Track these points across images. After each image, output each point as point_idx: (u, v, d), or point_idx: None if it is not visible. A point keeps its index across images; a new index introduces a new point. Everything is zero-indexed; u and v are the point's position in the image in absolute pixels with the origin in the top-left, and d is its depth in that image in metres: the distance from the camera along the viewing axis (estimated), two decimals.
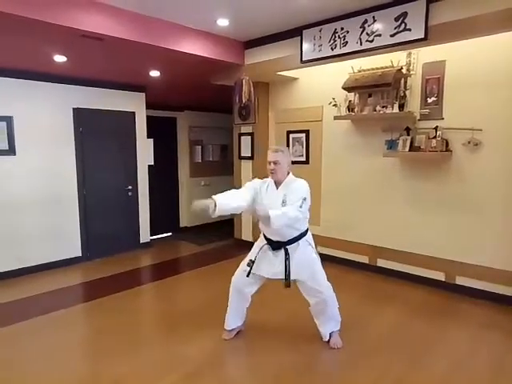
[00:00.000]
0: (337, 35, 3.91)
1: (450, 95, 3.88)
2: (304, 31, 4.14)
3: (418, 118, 4.06)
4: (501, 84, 3.57)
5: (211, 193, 2.85)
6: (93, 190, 5.35)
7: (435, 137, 3.85)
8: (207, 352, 2.93)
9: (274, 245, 2.85)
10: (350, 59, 4.04)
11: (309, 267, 2.84)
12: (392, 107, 4.02)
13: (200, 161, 7.29)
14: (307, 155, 5.15)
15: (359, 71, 4.29)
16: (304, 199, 2.68)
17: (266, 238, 2.91)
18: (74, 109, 5.08)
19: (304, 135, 5.16)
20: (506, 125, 3.58)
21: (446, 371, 2.65)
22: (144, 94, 5.78)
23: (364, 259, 4.74)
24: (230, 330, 3.10)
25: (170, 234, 6.93)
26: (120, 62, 4.55)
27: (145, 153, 5.93)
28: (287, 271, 2.76)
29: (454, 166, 3.93)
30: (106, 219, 5.51)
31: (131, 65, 4.66)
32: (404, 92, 4.04)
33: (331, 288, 2.91)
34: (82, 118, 5.15)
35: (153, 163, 6.38)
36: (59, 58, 4.10)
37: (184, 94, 6.24)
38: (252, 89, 4.69)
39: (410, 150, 4.02)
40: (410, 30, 3.43)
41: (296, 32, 4.20)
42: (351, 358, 2.84)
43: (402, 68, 4.03)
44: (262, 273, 2.90)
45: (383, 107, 4.10)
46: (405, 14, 3.44)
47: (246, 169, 5.76)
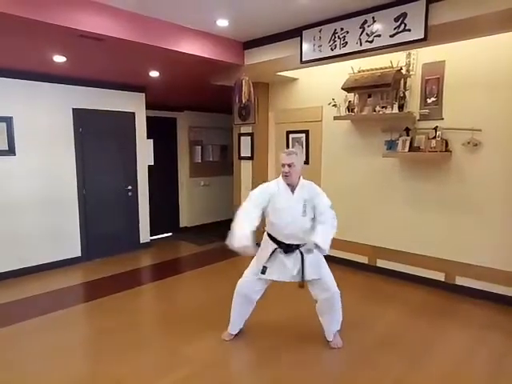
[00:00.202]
0: (336, 36, 3.91)
1: (450, 95, 3.88)
2: (304, 31, 4.14)
3: (418, 118, 4.06)
4: (500, 84, 3.57)
5: (211, 193, 2.85)
6: (93, 190, 5.35)
7: (435, 137, 3.86)
8: (207, 352, 2.93)
9: (287, 248, 2.82)
10: (350, 60, 4.04)
11: (320, 266, 2.87)
12: (392, 107, 4.03)
13: (200, 161, 7.29)
14: (307, 155, 5.15)
15: (359, 72, 4.29)
16: (331, 207, 2.78)
17: (275, 241, 2.86)
18: (73, 109, 5.08)
19: (304, 135, 5.16)
20: (505, 125, 3.58)
21: (446, 371, 2.66)
22: (144, 94, 5.78)
23: (364, 259, 4.74)
24: (233, 333, 3.09)
25: (169, 234, 6.93)
26: (120, 63, 4.55)
27: (145, 153, 5.93)
28: (303, 272, 2.79)
29: (453, 166, 3.93)
30: (106, 219, 5.51)
31: (131, 65, 4.66)
32: (404, 92, 4.04)
33: (336, 284, 2.93)
34: (82, 118, 5.15)
35: (153, 163, 6.38)
36: (59, 58, 4.10)
37: (184, 95, 6.24)
38: (252, 89, 4.69)
39: (409, 151, 4.02)
40: (409, 30, 3.43)
41: (296, 32, 4.20)
42: (351, 357, 2.85)
43: (401, 68, 4.03)
44: (276, 277, 2.88)
45: (383, 107, 4.10)
46: (404, 15, 3.44)
47: (245, 169, 5.77)
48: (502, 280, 3.70)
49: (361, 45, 3.77)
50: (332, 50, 3.98)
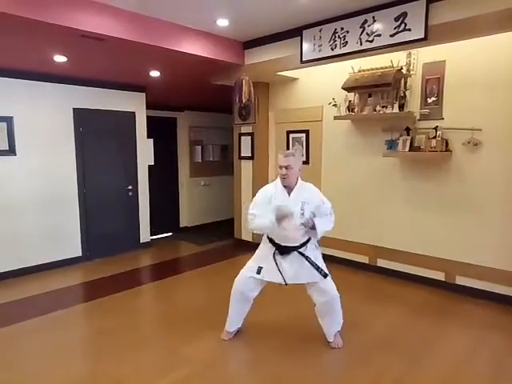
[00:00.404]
0: (337, 35, 3.91)
1: (450, 95, 3.88)
2: (304, 31, 4.14)
3: (418, 118, 4.06)
4: (501, 84, 3.57)
5: (211, 193, 2.86)
6: (93, 189, 5.35)
7: (435, 137, 3.86)
8: (207, 352, 2.93)
9: (283, 250, 2.82)
10: (350, 59, 4.04)
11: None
12: (392, 107, 4.02)
13: (200, 161, 7.29)
14: (307, 155, 5.15)
15: (359, 71, 4.29)
16: (332, 208, 2.85)
17: (273, 244, 2.86)
18: (74, 109, 5.08)
19: (304, 135, 5.16)
20: (505, 125, 3.58)
21: (447, 371, 2.65)
22: (144, 94, 5.78)
23: (364, 259, 4.74)
24: (231, 332, 3.09)
25: (170, 234, 6.93)
26: (120, 62, 4.55)
27: (145, 153, 5.93)
28: (316, 267, 2.81)
29: (453, 165, 3.93)
30: (106, 219, 5.51)
31: (131, 65, 4.66)
32: (404, 92, 4.04)
33: (335, 288, 2.91)
34: (82, 118, 5.15)
35: (153, 163, 6.38)
36: (59, 58, 4.10)
37: (184, 94, 6.24)
38: (252, 89, 4.69)
39: (409, 150, 4.02)
40: (409, 30, 3.43)
41: (296, 32, 4.20)
42: (351, 357, 2.85)
43: (401, 68, 4.03)
44: (272, 279, 2.88)
45: (383, 107, 4.10)
46: (405, 14, 3.44)
47: (246, 169, 5.77)
48: (503, 280, 3.70)
49: (361, 44, 3.77)
50: (332, 49, 3.98)
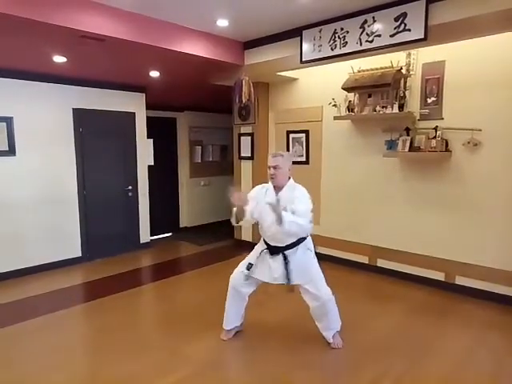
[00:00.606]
0: (337, 35, 3.92)
1: (450, 95, 3.88)
2: (304, 31, 4.14)
3: (418, 118, 4.06)
4: (500, 84, 3.57)
5: (211, 193, 2.86)
6: (93, 190, 5.35)
7: (435, 137, 3.86)
8: (207, 352, 2.93)
9: (273, 249, 2.84)
10: (350, 59, 4.04)
11: (307, 272, 2.83)
12: (392, 107, 4.02)
13: (200, 161, 7.29)
14: (307, 155, 5.15)
15: (359, 71, 4.29)
16: (312, 212, 2.71)
17: (265, 243, 2.90)
18: (73, 109, 5.08)
19: (304, 135, 5.16)
20: (505, 125, 3.58)
21: (446, 371, 2.66)
22: (144, 94, 5.78)
23: (364, 259, 4.74)
24: (229, 330, 3.10)
25: (169, 235, 6.93)
26: (120, 63, 4.55)
27: (145, 153, 5.93)
28: (288, 275, 2.77)
29: (453, 166, 3.93)
30: (106, 219, 5.51)
31: (131, 65, 4.66)
32: (404, 92, 4.04)
33: (331, 292, 2.90)
34: (82, 118, 5.15)
35: (153, 163, 6.37)
36: (59, 58, 4.10)
37: (184, 95, 6.24)
38: (252, 89, 4.69)
39: (409, 150, 4.02)
40: (409, 30, 3.43)
41: (296, 32, 4.21)
42: (351, 357, 2.85)
43: (401, 68, 4.03)
44: (259, 277, 2.91)
45: (383, 107, 4.10)
46: (404, 15, 3.44)
47: (245, 169, 5.77)
48: (503, 280, 3.70)
49: (361, 45, 3.77)
50: (332, 49, 3.98)
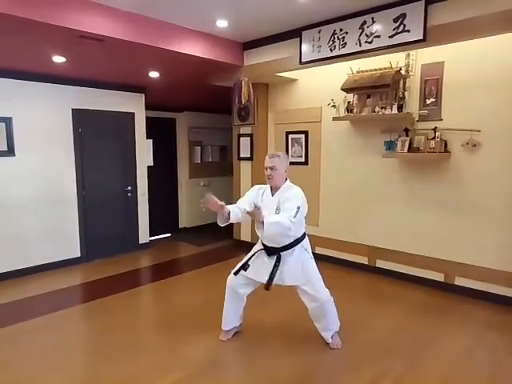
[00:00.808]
0: (336, 36, 3.92)
1: (449, 96, 3.88)
2: (303, 32, 4.14)
3: (417, 118, 4.07)
4: (499, 85, 3.58)
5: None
6: (92, 190, 5.34)
7: (434, 138, 3.86)
8: (206, 353, 2.93)
9: (269, 250, 2.84)
10: (349, 60, 4.04)
11: (304, 273, 2.82)
12: (391, 108, 4.03)
13: (199, 161, 7.28)
14: (306, 156, 5.16)
15: (358, 72, 4.30)
16: (298, 208, 2.65)
17: (262, 244, 2.91)
18: (73, 109, 5.08)
19: (303, 136, 5.16)
20: (504, 126, 3.59)
21: (446, 372, 2.66)
22: (143, 94, 5.78)
23: (363, 260, 4.74)
24: (228, 331, 3.10)
25: (169, 235, 6.92)
26: (119, 63, 4.55)
27: (144, 153, 5.93)
28: (272, 275, 2.78)
29: (452, 166, 3.93)
30: (106, 220, 5.51)
31: (130, 66, 4.66)
32: (403, 93, 4.04)
33: (329, 293, 2.90)
34: (82, 118, 5.15)
35: (152, 164, 6.38)
36: (58, 58, 4.10)
37: (183, 95, 6.24)
38: (251, 90, 4.69)
39: (408, 151, 4.02)
40: (408, 31, 3.44)
41: (295, 33, 4.21)
42: (350, 358, 2.85)
43: (400, 69, 4.04)
44: (257, 277, 2.90)
45: (382, 108, 4.11)
46: (404, 16, 3.44)
47: (245, 169, 5.77)
48: (502, 280, 3.70)
49: (360, 45, 3.77)
50: (331, 50, 3.99)
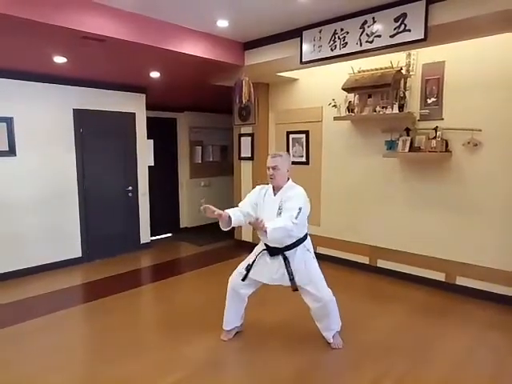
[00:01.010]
0: (336, 36, 3.92)
1: (450, 96, 3.88)
2: (304, 32, 4.14)
3: (418, 118, 4.06)
4: (500, 85, 3.57)
5: (211, 193, 2.87)
6: (93, 190, 5.35)
7: (435, 137, 3.86)
8: (207, 353, 2.93)
9: (272, 251, 2.83)
10: (350, 60, 4.04)
11: (307, 273, 2.82)
12: (392, 108, 4.02)
13: (200, 161, 7.29)
14: (307, 156, 5.16)
15: (359, 72, 4.30)
16: (300, 209, 2.64)
17: (264, 244, 2.90)
18: (74, 110, 5.08)
19: (304, 136, 5.16)
20: (505, 125, 3.58)
21: (447, 372, 2.66)
22: (144, 94, 5.78)
23: (364, 260, 4.74)
24: (229, 331, 3.10)
25: (170, 235, 6.93)
26: (121, 63, 4.56)
27: (145, 153, 5.94)
28: (291, 275, 2.76)
29: (453, 166, 3.93)
30: (107, 220, 5.51)
31: (131, 66, 4.67)
32: (404, 93, 4.04)
33: (331, 293, 2.90)
34: (83, 118, 5.16)
35: (153, 164, 6.38)
36: (60, 59, 4.10)
37: (184, 95, 6.24)
38: (252, 89, 4.69)
39: (409, 151, 4.02)
40: (409, 30, 3.44)
41: (296, 33, 4.21)
42: (352, 358, 2.85)
43: (401, 69, 4.04)
44: (259, 278, 2.91)
45: (383, 108, 4.10)
46: (404, 15, 3.44)
47: (246, 169, 5.77)
48: (503, 280, 3.70)
49: (361, 45, 3.77)
50: (332, 50, 3.99)
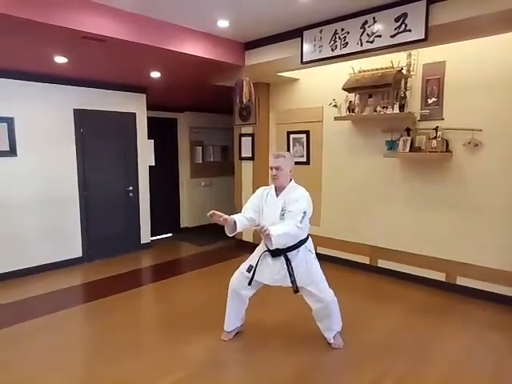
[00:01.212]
0: (337, 36, 3.92)
1: (451, 96, 3.88)
2: (304, 32, 4.15)
3: (419, 118, 4.06)
4: (501, 84, 3.57)
5: (212, 193, 2.88)
6: (94, 190, 5.35)
7: (435, 137, 3.86)
8: (207, 353, 2.93)
9: (274, 252, 2.82)
10: (351, 60, 4.04)
11: (309, 273, 2.82)
12: (392, 108, 4.02)
13: (201, 161, 7.29)
14: (308, 156, 5.16)
15: (359, 72, 4.30)
16: (304, 213, 2.64)
17: (266, 245, 2.87)
18: (74, 110, 5.09)
19: (304, 136, 5.16)
20: (505, 125, 3.58)
21: (448, 372, 2.65)
22: (145, 95, 5.78)
23: (365, 260, 4.74)
24: (229, 331, 3.10)
25: (170, 235, 6.93)
26: (121, 63, 4.56)
27: (145, 153, 5.94)
28: (292, 277, 2.75)
29: (454, 166, 3.93)
30: (107, 220, 5.51)
31: (132, 66, 4.67)
32: (404, 93, 4.04)
33: (333, 293, 2.90)
34: (83, 118, 5.16)
35: (153, 164, 6.39)
36: (60, 59, 4.11)
37: (184, 95, 6.25)
38: (252, 89, 4.70)
39: (410, 151, 4.02)
40: (410, 30, 3.44)
41: (296, 33, 4.21)
42: (352, 358, 2.85)
43: (402, 69, 4.03)
44: (261, 279, 2.90)
45: (383, 108, 4.10)
46: (405, 15, 3.44)
47: (246, 169, 5.77)
48: (503, 280, 3.70)
49: (361, 45, 3.77)
50: (332, 50, 3.99)
